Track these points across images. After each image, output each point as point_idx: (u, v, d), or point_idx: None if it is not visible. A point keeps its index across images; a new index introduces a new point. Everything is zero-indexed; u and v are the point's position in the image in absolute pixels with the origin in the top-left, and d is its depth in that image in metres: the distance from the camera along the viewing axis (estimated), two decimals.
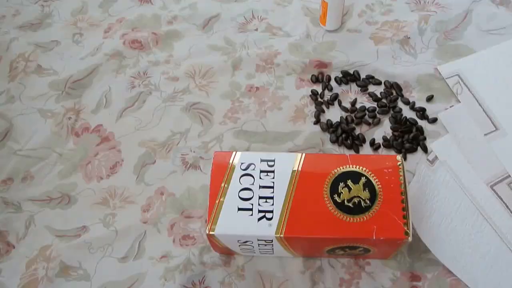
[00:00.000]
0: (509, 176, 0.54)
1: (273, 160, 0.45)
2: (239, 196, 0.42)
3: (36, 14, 0.77)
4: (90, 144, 0.62)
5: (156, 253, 0.53)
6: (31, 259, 0.54)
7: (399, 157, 0.46)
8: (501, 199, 0.53)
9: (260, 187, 0.43)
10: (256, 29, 0.73)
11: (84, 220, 0.56)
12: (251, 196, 0.42)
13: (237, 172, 0.44)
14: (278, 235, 0.40)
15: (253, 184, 0.43)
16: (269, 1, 0.76)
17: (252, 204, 0.42)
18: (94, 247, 0.54)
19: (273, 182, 0.43)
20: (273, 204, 0.42)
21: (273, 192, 0.42)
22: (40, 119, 0.65)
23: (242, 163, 0.44)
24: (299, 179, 0.43)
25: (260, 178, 0.43)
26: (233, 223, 0.41)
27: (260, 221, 0.41)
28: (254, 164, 0.44)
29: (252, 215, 0.42)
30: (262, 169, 0.44)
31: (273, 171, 0.44)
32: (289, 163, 0.44)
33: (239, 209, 0.42)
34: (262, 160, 0.44)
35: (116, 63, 0.70)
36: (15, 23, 0.76)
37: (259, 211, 0.42)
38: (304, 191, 0.43)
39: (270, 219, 0.41)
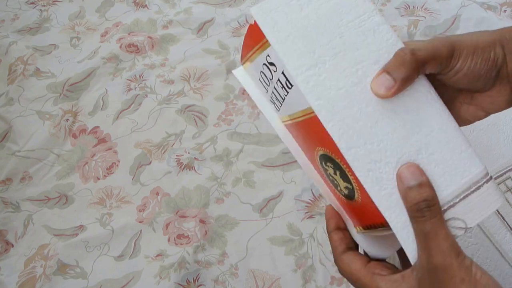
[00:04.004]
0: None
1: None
2: (262, 67, 0.35)
3: (34, 19, 0.79)
4: (87, 146, 0.63)
5: (152, 252, 0.55)
6: (29, 257, 0.55)
7: None
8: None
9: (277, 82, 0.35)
10: None
11: (81, 219, 0.58)
12: (271, 78, 0.35)
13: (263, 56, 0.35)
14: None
15: (273, 75, 0.37)
16: None
17: (269, 85, 0.36)
18: (91, 246, 0.55)
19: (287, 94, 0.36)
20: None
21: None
22: (39, 121, 0.66)
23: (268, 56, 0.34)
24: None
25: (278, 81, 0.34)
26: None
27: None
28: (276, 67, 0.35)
29: (267, 92, 0.36)
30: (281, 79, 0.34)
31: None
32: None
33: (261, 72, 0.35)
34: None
35: (112, 66, 0.71)
36: (14, 27, 0.77)
37: (272, 93, 0.36)
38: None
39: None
